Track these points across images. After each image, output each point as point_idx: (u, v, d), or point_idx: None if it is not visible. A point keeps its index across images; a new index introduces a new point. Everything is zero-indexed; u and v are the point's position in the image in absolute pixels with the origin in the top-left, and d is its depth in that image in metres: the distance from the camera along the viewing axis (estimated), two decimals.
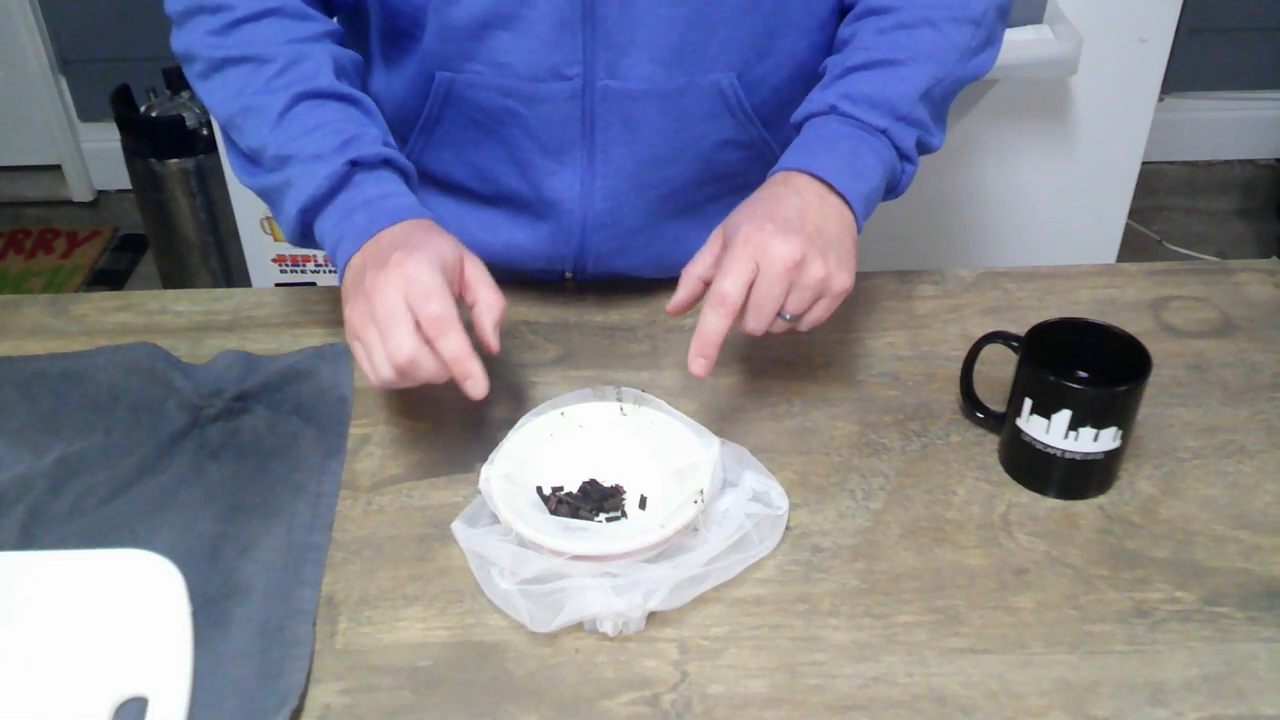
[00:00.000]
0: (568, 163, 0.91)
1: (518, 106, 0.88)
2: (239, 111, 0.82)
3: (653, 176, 0.92)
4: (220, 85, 0.84)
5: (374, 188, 0.80)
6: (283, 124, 0.80)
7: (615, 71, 0.85)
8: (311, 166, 0.79)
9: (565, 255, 0.96)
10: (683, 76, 0.86)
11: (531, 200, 0.93)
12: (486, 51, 0.85)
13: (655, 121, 0.88)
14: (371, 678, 0.67)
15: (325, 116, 0.81)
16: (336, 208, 0.80)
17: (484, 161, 0.93)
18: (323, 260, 1.95)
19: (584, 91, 0.86)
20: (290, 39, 0.83)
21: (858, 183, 0.80)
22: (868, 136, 0.82)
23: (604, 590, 0.69)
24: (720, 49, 0.86)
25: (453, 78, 0.88)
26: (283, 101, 0.81)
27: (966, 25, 0.86)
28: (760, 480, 0.76)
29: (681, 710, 0.65)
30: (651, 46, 0.85)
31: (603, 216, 0.93)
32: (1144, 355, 0.77)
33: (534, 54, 0.85)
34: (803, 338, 0.93)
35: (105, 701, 0.64)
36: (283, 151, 0.80)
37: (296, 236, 0.83)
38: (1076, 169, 1.74)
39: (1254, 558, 0.75)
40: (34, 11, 2.54)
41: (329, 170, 0.79)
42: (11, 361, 0.90)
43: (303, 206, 0.80)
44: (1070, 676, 0.67)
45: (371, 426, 0.85)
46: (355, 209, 0.79)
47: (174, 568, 0.71)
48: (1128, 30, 1.62)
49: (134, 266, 2.67)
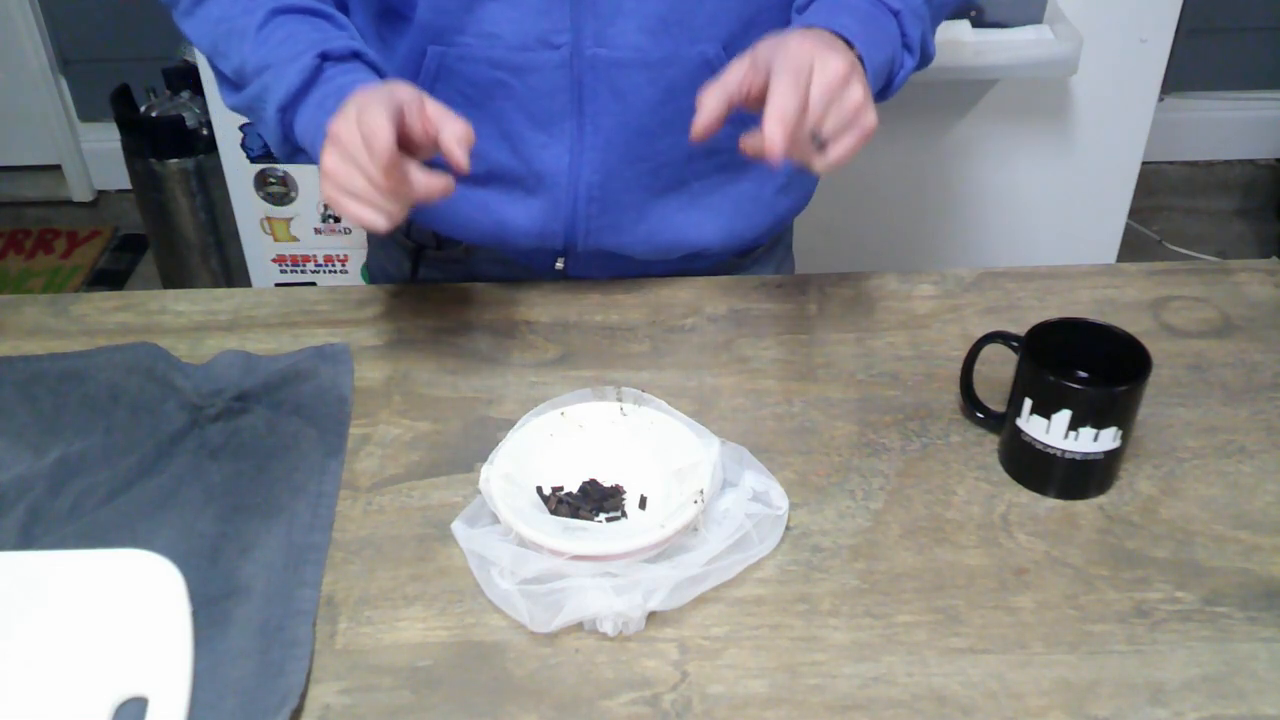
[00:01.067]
0: (557, 135, 0.92)
1: (507, 77, 0.89)
2: (221, 36, 0.86)
3: (642, 149, 0.93)
4: (203, 18, 0.87)
5: (346, 77, 0.82)
6: (259, 37, 0.84)
7: (603, 40, 0.87)
8: (285, 68, 0.82)
9: (556, 231, 0.97)
10: (670, 46, 0.88)
11: (522, 175, 0.94)
12: (476, 23, 0.87)
13: (644, 91, 0.90)
14: (371, 678, 0.67)
15: (299, 26, 0.84)
16: (310, 102, 0.82)
17: (474, 138, 0.93)
18: (323, 260, 1.95)
19: (572, 61, 0.88)
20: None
21: (875, 51, 0.80)
22: (882, 13, 0.83)
23: (604, 590, 0.69)
24: (707, 20, 0.88)
25: (444, 52, 0.89)
26: (259, 18, 0.84)
27: None
28: (760, 480, 0.76)
29: (681, 710, 0.65)
30: (639, 15, 0.86)
31: (593, 189, 0.94)
32: (1144, 355, 0.77)
33: (523, 23, 0.86)
34: (802, 337, 0.93)
35: (105, 701, 0.64)
36: (260, 62, 0.83)
37: (280, 144, 0.85)
38: (1076, 169, 1.74)
39: (1254, 558, 0.75)
40: (34, 11, 2.54)
41: (300, 65, 0.81)
42: (11, 361, 0.90)
43: (280, 105, 0.82)
44: (1070, 676, 0.67)
45: (371, 426, 0.85)
46: (328, 96, 0.81)
47: (174, 568, 0.71)
48: (1128, 30, 1.62)
49: (134, 266, 2.67)
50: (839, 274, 1.01)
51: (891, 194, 1.74)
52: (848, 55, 0.75)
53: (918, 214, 1.79)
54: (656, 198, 0.96)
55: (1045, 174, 1.75)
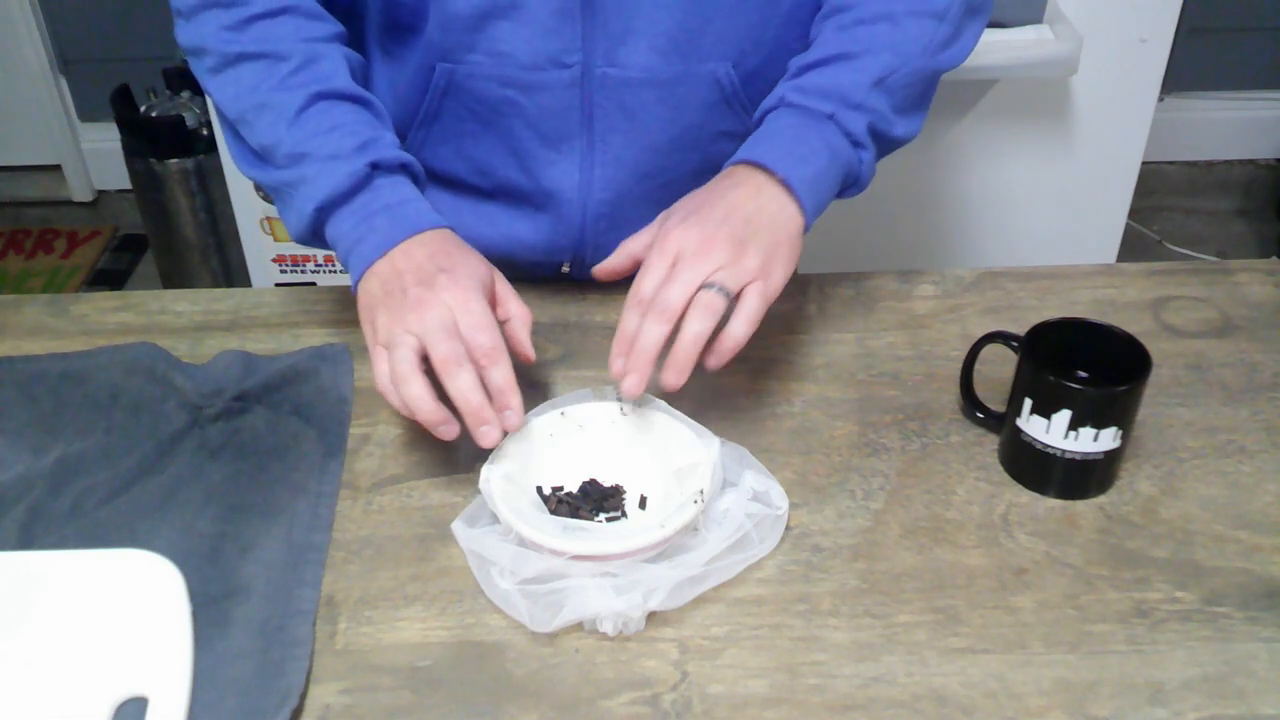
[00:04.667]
0: (567, 152, 0.91)
1: (517, 96, 0.88)
2: (252, 107, 0.83)
3: (651, 166, 0.93)
4: (233, 80, 0.84)
5: (393, 192, 0.81)
6: (299, 122, 0.81)
7: (614, 59, 0.86)
8: (330, 165, 0.80)
9: (564, 247, 0.97)
10: (680, 65, 0.87)
11: (531, 192, 0.94)
12: (487, 41, 0.86)
13: (654, 110, 0.89)
14: (371, 678, 0.67)
15: (342, 117, 0.82)
16: (354, 209, 0.80)
17: (483, 155, 0.93)
18: (323, 260, 1.95)
19: (583, 80, 0.87)
20: (305, 38, 0.84)
21: (800, 167, 0.80)
22: (813, 122, 0.82)
23: (604, 590, 0.69)
24: (716, 39, 0.87)
25: (453, 69, 0.88)
26: (300, 99, 0.81)
27: (928, 19, 0.86)
28: (760, 480, 0.76)
29: (681, 710, 0.65)
30: (649, 35, 0.86)
31: (602, 207, 0.94)
32: (1144, 355, 0.77)
33: (533, 42, 0.86)
34: (803, 337, 0.93)
35: (105, 701, 0.64)
36: (298, 149, 0.81)
37: (305, 234, 0.83)
38: (1076, 169, 1.74)
39: (1254, 558, 0.75)
40: (34, 11, 2.54)
41: (350, 169, 0.79)
42: (11, 361, 0.90)
43: (319, 204, 0.80)
44: (1070, 676, 0.67)
45: (371, 426, 0.85)
46: (375, 213, 0.80)
47: (174, 568, 0.71)
48: (1128, 30, 1.62)
49: (134, 266, 2.67)
50: (839, 274, 1.01)
51: (891, 194, 1.74)
52: (724, 226, 0.76)
53: (918, 214, 1.79)
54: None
55: (1045, 174, 1.75)
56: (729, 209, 0.78)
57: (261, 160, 0.85)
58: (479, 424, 0.73)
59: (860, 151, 0.84)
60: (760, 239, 0.77)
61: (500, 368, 0.74)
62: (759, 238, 0.77)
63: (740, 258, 0.75)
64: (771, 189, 0.79)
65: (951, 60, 0.89)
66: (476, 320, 0.74)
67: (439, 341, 0.73)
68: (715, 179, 0.82)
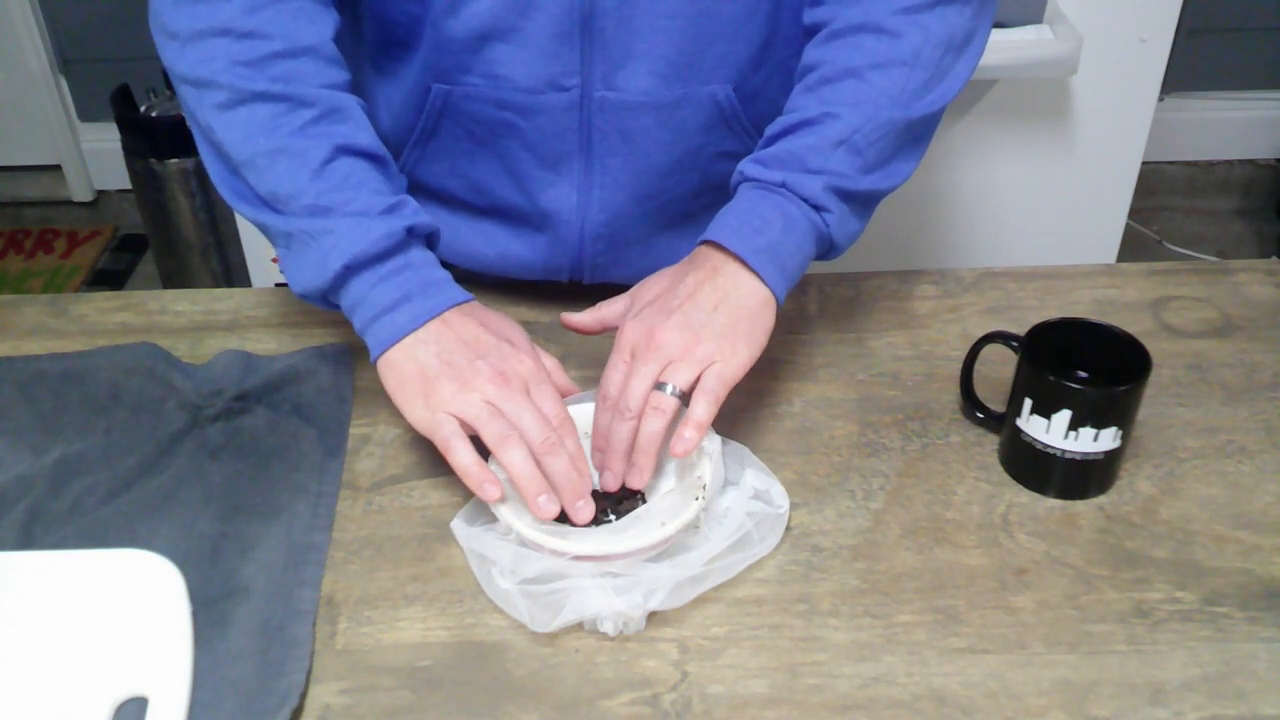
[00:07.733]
0: (565, 174, 0.90)
1: (515, 119, 0.87)
2: (266, 152, 0.79)
3: (650, 188, 0.92)
4: (246, 119, 0.79)
5: (427, 265, 0.80)
6: (324, 174, 0.78)
7: (612, 83, 0.85)
8: (360, 224, 0.77)
9: (562, 266, 0.96)
10: (680, 88, 0.86)
11: (528, 212, 0.93)
12: (484, 64, 0.85)
13: (653, 133, 0.88)
14: (371, 678, 0.68)
15: (366, 175, 0.80)
16: (386, 270, 0.78)
17: (479, 175, 0.93)
18: None
19: (582, 103, 0.86)
20: (327, 84, 0.81)
21: (753, 238, 0.79)
22: (765, 193, 0.81)
23: (604, 590, 0.69)
24: (717, 61, 0.86)
25: (449, 90, 0.87)
26: (324, 151, 0.78)
27: (897, 69, 0.82)
28: (761, 479, 0.76)
29: (681, 710, 0.65)
30: (649, 59, 0.85)
31: (600, 228, 0.93)
32: (1144, 355, 0.77)
33: (532, 66, 0.84)
34: (803, 337, 0.93)
35: (105, 701, 0.64)
36: (320, 203, 0.78)
37: (321, 288, 0.79)
38: (1076, 169, 1.74)
39: (1254, 558, 0.75)
40: (34, 11, 2.54)
41: (386, 230, 0.77)
42: (11, 361, 0.90)
43: (349, 262, 0.77)
44: (1070, 676, 0.67)
45: (371, 426, 0.85)
46: (409, 281, 0.78)
47: (174, 568, 0.71)
48: (1128, 30, 1.62)
49: (134, 266, 2.67)
50: (839, 274, 1.01)
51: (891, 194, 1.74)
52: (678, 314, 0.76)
53: (918, 214, 1.79)
54: (663, 231, 0.96)
55: (1045, 174, 1.75)
56: (685, 295, 0.77)
57: (267, 205, 0.80)
58: (575, 499, 0.73)
59: (823, 214, 0.81)
60: (715, 321, 0.76)
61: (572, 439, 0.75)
62: (714, 320, 0.76)
63: (694, 346, 0.75)
64: (729, 266, 0.79)
65: (935, 104, 0.84)
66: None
67: (532, 425, 0.74)
68: (681, 262, 0.82)
